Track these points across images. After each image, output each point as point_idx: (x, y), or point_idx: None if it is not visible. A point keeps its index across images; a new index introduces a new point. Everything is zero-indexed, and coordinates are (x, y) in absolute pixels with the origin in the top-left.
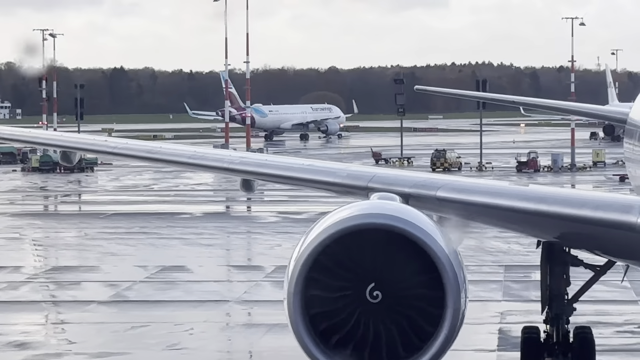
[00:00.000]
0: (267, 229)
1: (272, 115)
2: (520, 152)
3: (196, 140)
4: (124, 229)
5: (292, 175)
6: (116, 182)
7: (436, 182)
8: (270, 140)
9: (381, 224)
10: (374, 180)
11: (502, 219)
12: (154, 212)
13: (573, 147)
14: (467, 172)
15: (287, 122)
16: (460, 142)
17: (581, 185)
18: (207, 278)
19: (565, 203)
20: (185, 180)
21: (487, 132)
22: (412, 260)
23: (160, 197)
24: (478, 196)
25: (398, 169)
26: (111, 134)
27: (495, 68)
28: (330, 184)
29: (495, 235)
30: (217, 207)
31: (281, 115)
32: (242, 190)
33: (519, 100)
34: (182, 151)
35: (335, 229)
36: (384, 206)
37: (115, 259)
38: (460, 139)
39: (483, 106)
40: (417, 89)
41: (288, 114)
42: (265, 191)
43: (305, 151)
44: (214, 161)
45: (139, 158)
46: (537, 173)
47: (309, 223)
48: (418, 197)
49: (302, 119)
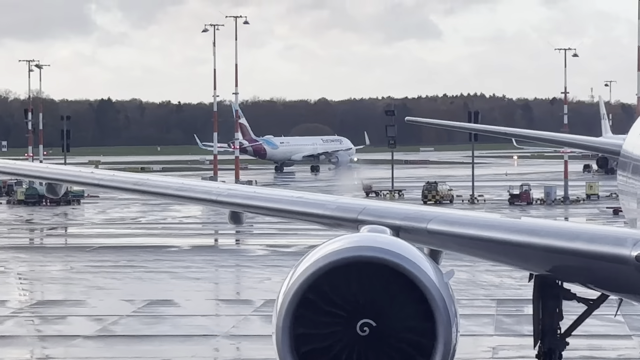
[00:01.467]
0: (256, 262)
1: (283, 147)
2: (513, 185)
3: (184, 173)
4: (110, 263)
5: (281, 207)
6: (103, 215)
7: (427, 214)
8: (281, 172)
9: (372, 257)
10: (364, 212)
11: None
12: (141, 245)
13: (566, 179)
14: (459, 205)
15: (298, 154)
16: (452, 174)
17: (574, 218)
18: (194, 312)
19: (558, 235)
20: (173, 213)
21: (479, 164)
22: (403, 293)
23: (147, 230)
24: (470, 229)
25: (389, 201)
26: (98, 166)
27: (487, 100)
28: (320, 216)
29: (487, 269)
30: (205, 240)
31: (292, 146)
32: (230, 222)
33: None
34: (170, 183)
35: (325, 262)
36: (375, 239)
37: (102, 293)
38: (452, 171)
39: (475, 138)
40: (408, 120)
41: (299, 146)
42: (254, 224)
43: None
44: (202, 193)
45: (126, 190)
46: (529, 206)
47: (298, 256)
48: (409, 230)
49: (312, 150)
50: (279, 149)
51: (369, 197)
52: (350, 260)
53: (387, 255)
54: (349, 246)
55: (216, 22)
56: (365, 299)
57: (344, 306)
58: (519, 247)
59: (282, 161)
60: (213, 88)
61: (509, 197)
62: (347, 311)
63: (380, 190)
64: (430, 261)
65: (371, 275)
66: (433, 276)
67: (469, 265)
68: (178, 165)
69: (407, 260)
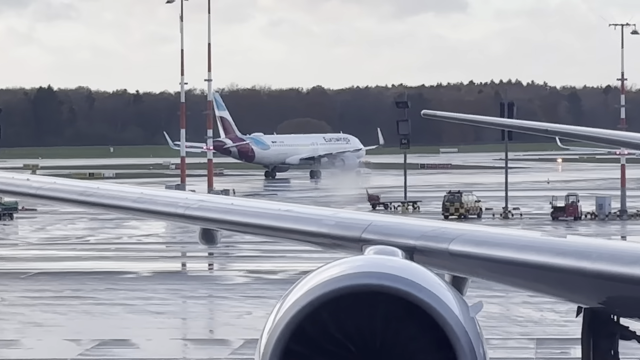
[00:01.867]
0: (233, 293)
1: (275, 148)
2: (557, 195)
3: (144, 180)
4: (51, 293)
5: (265, 223)
6: (42, 233)
7: (449, 232)
8: (272, 178)
9: (380, 286)
10: (370, 229)
11: (533, 279)
12: (89, 271)
13: (623, 188)
14: (489, 220)
15: (294, 156)
16: (480, 181)
17: (634, 237)
18: (157, 355)
19: (613, 259)
20: (130, 230)
21: (514, 169)
22: (420, 331)
23: (98, 252)
24: (502, 250)
25: (400, 215)
26: (35, 172)
27: (524, 88)
28: (314, 234)
29: (525, 301)
30: (170, 265)
31: (287, 147)
32: (202, 242)
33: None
34: (126, 193)
35: (321, 291)
36: (383, 263)
37: (40, 331)
38: (480, 178)
39: (509, 136)
40: (425, 115)
41: (295, 146)
42: (231, 244)
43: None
44: (166, 206)
45: (71, 202)
46: (577, 221)
47: (287, 285)
48: (426, 252)
49: (312, 151)
50: (271, 149)
51: (375, 210)
52: (352, 290)
53: (398, 284)
54: (351, 272)
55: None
56: (372, 339)
57: (345, 347)
58: (565, 274)
59: (274, 165)
60: (180, 73)
61: (552, 211)
62: (351, 350)
63: (390, 202)
64: (453, 291)
65: (380, 308)
66: (456, 310)
67: (501, 297)
68: (136, 170)
69: (423, 289)
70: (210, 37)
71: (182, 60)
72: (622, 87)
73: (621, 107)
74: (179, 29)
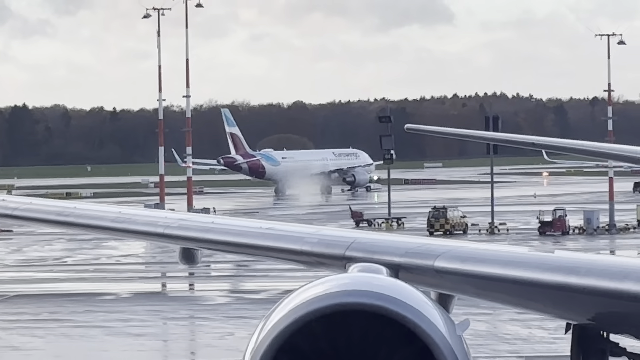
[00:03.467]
0: (215, 313)
1: (286, 163)
2: (544, 209)
3: (123, 199)
4: (29, 315)
5: (246, 242)
6: (18, 255)
7: (435, 248)
8: (282, 194)
9: (364, 304)
10: (354, 247)
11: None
12: (67, 293)
13: (612, 201)
14: (475, 236)
15: (305, 172)
16: (465, 197)
17: (623, 251)
18: None
19: (602, 275)
20: (108, 250)
21: (500, 183)
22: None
23: (76, 274)
24: (489, 266)
25: (385, 232)
26: (11, 192)
27: (509, 101)
28: (297, 252)
29: (513, 318)
30: (150, 285)
31: (297, 162)
32: (181, 262)
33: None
34: (104, 212)
35: (305, 310)
36: (368, 281)
37: (18, 355)
38: (466, 193)
39: (494, 150)
40: (408, 129)
41: (306, 161)
42: (212, 263)
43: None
44: (145, 225)
45: (48, 222)
46: (565, 236)
47: (269, 304)
48: (411, 269)
49: (323, 167)
50: (281, 166)
51: (359, 227)
52: (337, 309)
53: (383, 302)
54: (335, 290)
55: (161, 6)
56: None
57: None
58: (553, 290)
59: (285, 181)
60: (158, 90)
61: (539, 226)
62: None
63: (374, 219)
64: (439, 309)
65: (366, 327)
66: (443, 328)
67: (489, 314)
68: (114, 189)
69: (409, 307)
70: (188, 53)
71: (159, 76)
72: (609, 98)
73: (608, 119)
74: (157, 45)
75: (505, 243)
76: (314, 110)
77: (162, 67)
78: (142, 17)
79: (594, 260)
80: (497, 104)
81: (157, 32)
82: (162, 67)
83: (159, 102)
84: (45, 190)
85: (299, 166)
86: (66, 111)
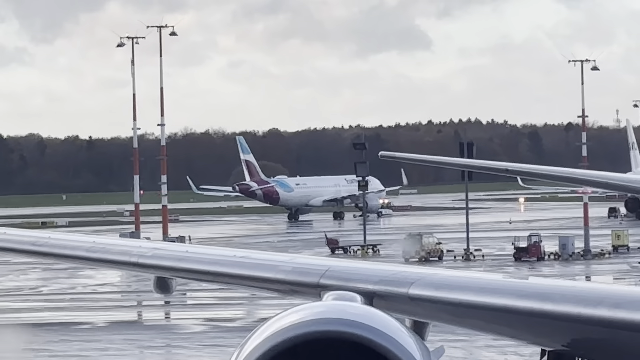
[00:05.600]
0: (190, 342)
1: (299, 190)
2: (519, 235)
3: (98, 228)
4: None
5: (221, 270)
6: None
7: (409, 275)
8: (295, 220)
9: (340, 332)
10: (328, 275)
11: (496, 322)
12: (43, 323)
13: (586, 227)
14: (450, 263)
15: (318, 198)
16: (440, 223)
17: (598, 277)
18: None
19: (576, 300)
20: (84, 279)
21: (475, 209)
22: None
23: (51, 303)
24: (464, 293)
25: (360, 259)
26: None
27: (484, 127)
28: (271, 280)
29: (488, 344)
30: (126, 314)
31: (310, 189)
32: (156, 291)
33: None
34: (79, 242)
35: (281, 338)
36: (342, 308)
37: None
38: (441, 219)
39: (469, 176)
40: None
41: (319, 188)
42: (187, 292)
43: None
44: (119, 254)
45: (22, 252)
46: (540, 262)
47: (244, 332)
48: (386, 296)
49: (335, 193)
50: (295, 192)
51: (334, 254)
52: (312, 337)
53: (358, 330)
54: (309, 319)
55: (135, 34)
56: None
57: None
58: (527, 316)
59: (298, 207)
60: (133, 118)
61: (514, 252)
62: None
63: (349, 246)
64: (414, 336)
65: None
66: (417, 355)
67: (464, 340)
68: (89, 218)
69: (384, 335)
70: (162, 81)
71: (134, 104)
72: (583, 124)
73: (582, 145)
74: (131, 73)
75: (481, 269)
76: (288, 138)
77: (137, 96)
78: (116, 46)
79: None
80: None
81: (131, 60)
82: (137, 95)
83: (134, 131)
84: (20, 220)
85: (312, 192)
86: (41, 140)
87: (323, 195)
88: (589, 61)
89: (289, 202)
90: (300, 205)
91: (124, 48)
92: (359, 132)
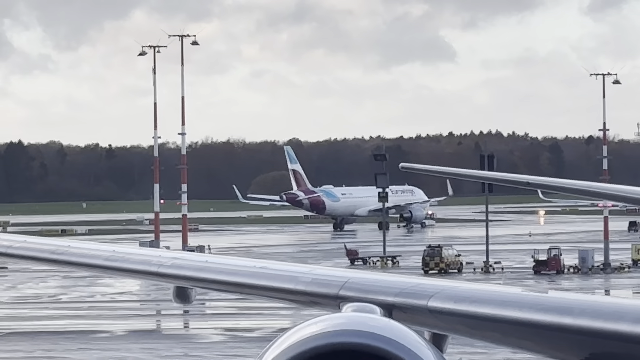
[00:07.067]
0: (209, 352)
1: (345, 200)
2: (539, 248)
3: (118, 236)
4: (23, 353)
5: (240, 281)
6: (13, 292)
7: (428, 288)
8: (340, 229)
9: (360, 344)
10: (347, 286)
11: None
12: (62, 331)
13: (607, 240)
14: (470, 275)
15: (363, 208)
16: (460, 235)
17: (617, 290)
18: None
19: (596, 315)
20: (103, 288)
21: (495, 222)
22: None
23: (70, 311)
24: (483, 307)
25: (379, 271)
26: (6, 229)
27: (505, 139)
28: (290, 292)
29: (507, 357)
30: (144, 323)
31: (356, 199)
32: (176, 301)
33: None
34: (98, 251)
35: (300, 349)
36: (361, 320)
37: None
38: (461, 231)
39: (490, 189)
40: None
41: (364, 198)
42: (206, 301)
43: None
44: (139, 264)
45: (42, 260)
46: (560, 275)
47: (264, 343)
48: (405, 309)
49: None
50: (341, 202)
51: (354, 265)
52: (331, 348)
53: (377, 342)
54: (330, 330)
55: (157, 43)
56: None
57: None
58: (547, 330)
59: (343, 217)
60: (154, 127)
61: (534, 265)
62: None
63: (369, 257)
64: (433, 349)
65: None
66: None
67: (483, 353)
68: (109, 226)
69: (403, 348)
70: (183, 90)
71: (155, 113)
72: (604, 137)
73: (603, 159)
74: (152, 82)
75: (500, 282)
76: (309, 148)
77: (158, 104)
78: (137, 55)
79: (589, 300)
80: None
81: (152, 69)
82: (159, 104)
83: (155, 139)
84: (40, 227)
85: (357, 202)
86: (62, 147)
87: (368, 205)
88: (610, 74)
89: (335, 212)
90: (346, 214)
91: (146, 56)
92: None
